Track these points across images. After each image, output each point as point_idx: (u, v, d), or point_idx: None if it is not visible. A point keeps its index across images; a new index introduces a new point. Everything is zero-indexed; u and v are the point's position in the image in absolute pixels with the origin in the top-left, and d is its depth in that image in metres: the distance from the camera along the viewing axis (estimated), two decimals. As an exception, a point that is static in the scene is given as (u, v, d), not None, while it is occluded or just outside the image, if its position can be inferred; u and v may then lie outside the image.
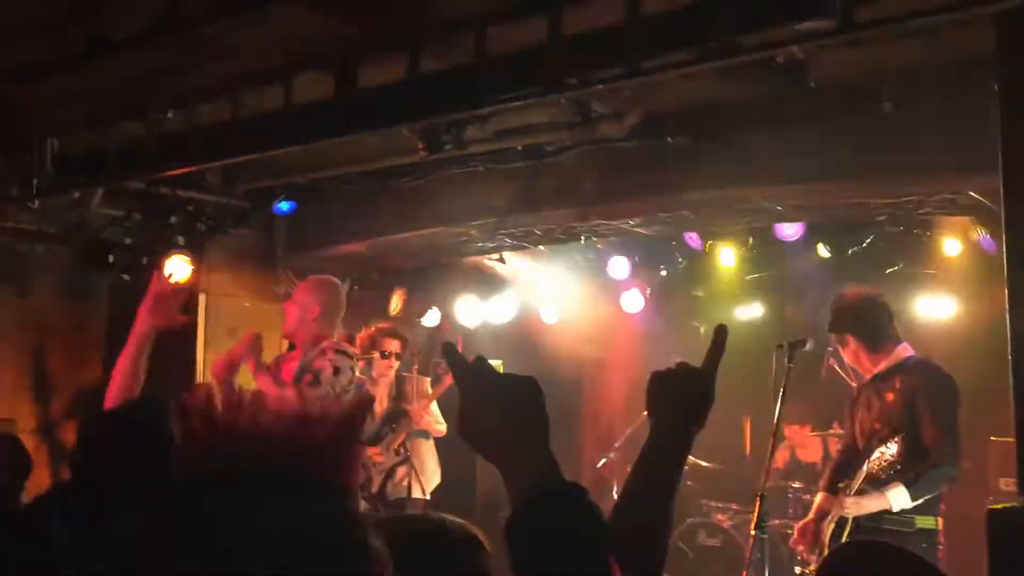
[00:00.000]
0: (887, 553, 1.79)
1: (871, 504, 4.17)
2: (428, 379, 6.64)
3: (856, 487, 4.23)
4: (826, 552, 4.08)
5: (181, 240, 6.46)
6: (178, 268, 6.54)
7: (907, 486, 4.12)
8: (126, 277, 6.63)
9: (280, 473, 0.78)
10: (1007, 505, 2.78)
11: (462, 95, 3.98)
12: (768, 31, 3.34)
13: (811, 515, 4.45)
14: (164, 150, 4.96)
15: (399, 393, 6.43)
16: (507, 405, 1.17)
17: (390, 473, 6.23)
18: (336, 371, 4.42)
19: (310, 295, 4.72)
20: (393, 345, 6.32)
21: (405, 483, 6.24)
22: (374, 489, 6.14)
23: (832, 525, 4.25)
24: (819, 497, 4.52)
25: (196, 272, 6.64)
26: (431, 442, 6.52)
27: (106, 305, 7.14)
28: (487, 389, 1.18)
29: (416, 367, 6.50)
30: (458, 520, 1.69)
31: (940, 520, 4.29)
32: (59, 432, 6.68)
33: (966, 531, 3.90)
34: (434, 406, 6.49)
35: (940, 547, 4.28)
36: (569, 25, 3.62)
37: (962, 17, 2.90)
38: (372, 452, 6.14)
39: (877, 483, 4.21)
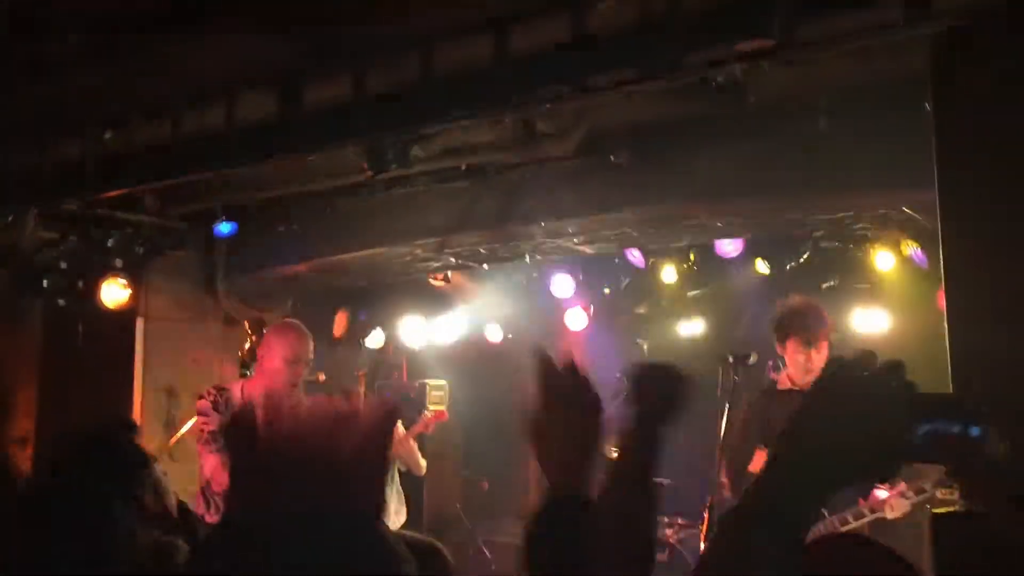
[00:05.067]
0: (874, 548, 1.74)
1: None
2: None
3: None
4: None
5: (119, 263, 6.34)
6: (115, 292, 6.42)
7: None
8: (61, 302, 6.48)
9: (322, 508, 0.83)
10: (950, 510, 2.85)
11: (408, 114, 3.99)
12: (710, 50, 3.41)
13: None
14: (103, 171, 4.87)
15: None
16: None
17: None
18: None
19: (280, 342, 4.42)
20: None
21: None
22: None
23: None
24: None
25: (134, 295, 6.52)
26: (396, 483, 6.29)
27: (39, 330, 6.96)
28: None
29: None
30: (419, 535, 1.79)
31: None
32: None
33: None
34: (414, 444, 6.28)
35: None
36: (515, 43, 3.65)
37: (898, 37, 3.00)
38: None
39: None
